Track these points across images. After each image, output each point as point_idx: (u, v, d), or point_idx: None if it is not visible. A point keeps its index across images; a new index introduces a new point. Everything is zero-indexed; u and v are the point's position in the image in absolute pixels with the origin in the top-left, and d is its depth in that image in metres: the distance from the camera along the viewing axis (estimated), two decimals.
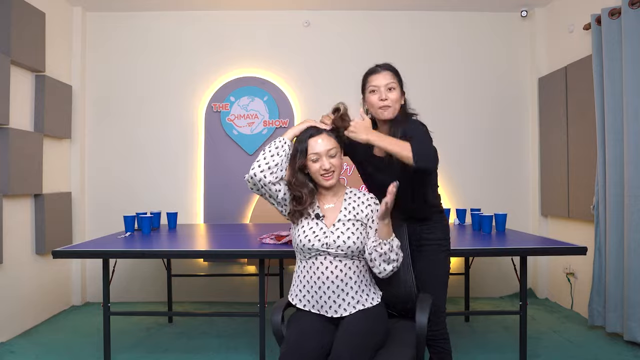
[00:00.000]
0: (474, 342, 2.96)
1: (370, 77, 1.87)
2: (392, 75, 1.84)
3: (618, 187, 2.92)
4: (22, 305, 3.19)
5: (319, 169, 1.70)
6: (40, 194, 3.37)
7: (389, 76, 1.84)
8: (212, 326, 3.32)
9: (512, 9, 4.05)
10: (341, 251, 1.66)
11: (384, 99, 1.82)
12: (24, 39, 3.14)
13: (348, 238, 1.67)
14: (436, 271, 1.90)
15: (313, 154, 1.70)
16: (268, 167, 1.68)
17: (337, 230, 1.69)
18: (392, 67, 1.88)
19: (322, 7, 4.04)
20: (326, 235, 1.68)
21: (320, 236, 1.68)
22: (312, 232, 1.70)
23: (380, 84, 1.83)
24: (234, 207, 3.99)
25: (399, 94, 1.86)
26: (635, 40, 2.77)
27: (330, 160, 1.70)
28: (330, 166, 1.70)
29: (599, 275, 3.09)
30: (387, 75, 1.84)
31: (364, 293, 1.70)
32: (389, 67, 1.88)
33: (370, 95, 1.86)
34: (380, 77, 1.84)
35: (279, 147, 1.71)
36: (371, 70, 1.89)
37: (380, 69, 1.86)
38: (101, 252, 2.38)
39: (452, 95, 4.09)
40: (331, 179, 1.71)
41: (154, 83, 4.05)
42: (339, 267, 1.67)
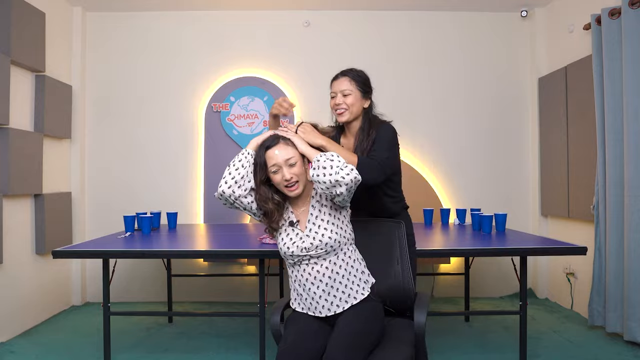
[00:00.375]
0: (474, 342, 2.96)
1: (331, 83, 2.03)
2: (349, 81, 1.96)
3: (618, 187, 2.92)
4: (22, 305, 3.19)
5: (282, 180, 1.68)
6: (40, 194, 3.37)
7: (346, 82, 1.96)
8: (212, 326, 3.32)
9: (512, 9, 4.05)
10: (321, 250, 1.68)
11: (338, 103, 1.98)
12: (24, 39, 3.14)
13: (322, 235, 1.68)
14: None
15: (272, 166, 1.68)
16: (235, 182, 1.68)
17: (311, 232, 1.70)
18: (352, 72, 1.98)
19: (322, 7, 4.04)
20: (302, 240, 1.70)
21: (297, 242, 1.70)
22: (290, 240, 1.72)
23: (337, 89, 1.98)
24: None
25: (355, 99, 1.96)
26: (635, 40, 2.77)
27: (290, 170, 1.68)
28: (291, 176, 1.67)
29: (599, 275, 3.09)
30: (344, 82, 1.97)
31: (354, 285, 1.71)
32: (347, 72, 1.99)
33: (331, 99, 2.02)
34: (337, 83, 1.99)
35: (242, 159, 1.71)
36: (333, 77, 2.03)
37: (340, 76, 2.00)
38: (101, 252, 2.38)
39: (452, 95, 4.09)
40: (296, 189, 1.69)
41: (154, 83, 4.05)
42: (324, 266, 1.69)
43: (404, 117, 3.67)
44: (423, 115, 4.06)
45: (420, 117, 4.07)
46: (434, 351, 2.75)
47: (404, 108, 4.00)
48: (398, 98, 3.99)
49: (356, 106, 1.97)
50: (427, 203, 3.77)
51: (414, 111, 4.06)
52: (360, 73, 2.00)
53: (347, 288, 1.69)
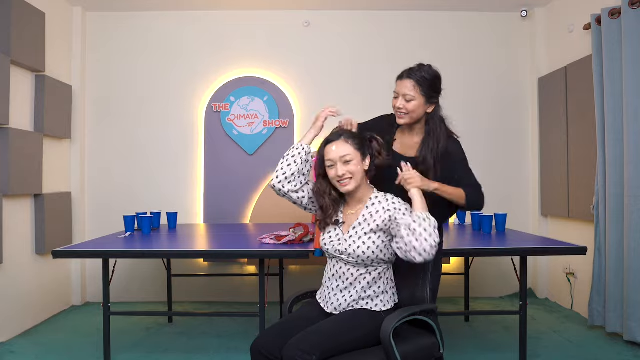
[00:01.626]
0: (474, 342, 2.96)
1: (396, 81, 1.89)
2: (413, 86, 1.83)
3: (618, 187, 2.92)
4: (22, 305, 3.19)
5: (335, 176, 1.69)
6: (40, 194, 3.37)
7: (410, 86, 1.83)
8: (212, 326, 3.32)
9: (512, 9, 4.05)
10: (352, 259, 1.69)
11: (399, 107, 1.86)
12: (24, 39, 3.14)
13: (358, 247, 1.67)
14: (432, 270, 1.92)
15: (328, 161, 1.70)
16: (285, 177, 1.72)
17: (349, 239, 1.70)
18: (418, 74, 1.84)
19: (322, 7, 4.04)
20: (340, 242, 1.72)
21: (335, 242, 1.73)
22: (329, 237, 1.76)
23: (400, 92, 1.86)
24: (234, 207, 3.99)
25: (417, 105, 1.84)
26: (635, 40, 2.77)
27: (344, 166, 1.66)
28: (343, 173, 1.66)
29: (599, 275, 3.09)
30: (408, 85, 1.84)
31: (368, 299, 1.71)
32: (413, 74, 1.84)
33: (393, 98, 1.89)
34: (401, 85, 1.86)
35: (295, 154, 1.74)
36: (399, 75, 1.89)
37: (405, 77, 1.86)
38: (101, 252, 2.38)
39: (452, 95, 4.02)
40: (347, 185, 1.68)
41: (154, 83, 4.05)
42: (351, 272, 1.71)
43: None
44: None
45: None
46: None
47: None
48: None
49: (417, 112, 1.85)
50: None
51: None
52: (429, 74, 1.85)
53: (360, 299, 1.70)
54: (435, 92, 1.89)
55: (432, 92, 1.87)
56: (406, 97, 1.83)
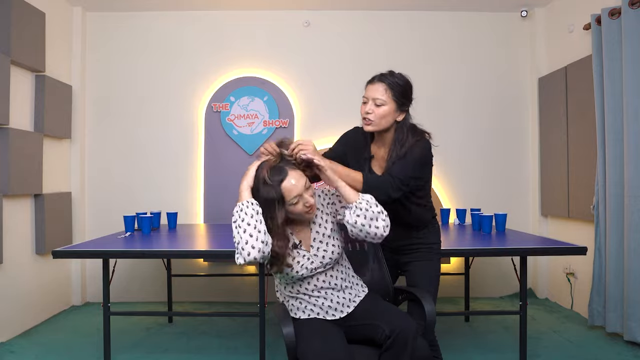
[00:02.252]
0: (473, 342, 2.96)
1: (366, 86, 1.83)
2: (384, 90, 1.75)
3: (618, 187, 2.92)
4: (22, 305, 3.19)
5: (303, 208, 1.56)
6: (40, 194, 3.37)
7: (381, 90, 1.76)
8: (212, 326, 3.32)
9: (512, 9, 4.05)
10: (329, 266, 1.71)
11: (367, 112, 1.77)
12: (24, 39, 3.14)
13: (329, 252, 1.68)
14: (428, 270, 1.95)
15: (293, 198, 1.54)
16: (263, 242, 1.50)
17: (318, 251, 1.66)
18: (390, 79, 1.78)
19: (322, 7, 4.04)
20: (311, 260, 1.65)
21: (306, 264, 1.64)
22: (297, 264, 1.63)
23: (369, 96, 1.78)
24: (233, 207, 3.97)
25: (388, 111, 1.76)
26: (635, 40, 2.77)
27: (309, 192, 1.57)
28: (313, 201, 1.58)
29: (599, 275, 3.09)
30: (379, 89, 1.76)
31: (355, 285, 1.78)
32: (385, 78, 1.78)
33: (362, 104, 1.82)
34: (372, 88, 1.78)
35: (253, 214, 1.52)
36: (369, 79, 1.83)
37: (376, 80, 1.79)
38: (101, 252, 2.37)
39: (452, 95, 4.09)
40: (313, 211, 1.61)
41: (154, 83, 4.05)
42: (329, 274, 1.71)
43: None
44: (423, 115, 3.99)
45: (420, 117, 4.01)
46: None
47: None
48: None
49: (387, 119, 1.77)
50: None
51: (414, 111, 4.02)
52: (401, 80, 1.78)
53: (351, 289, 1.75)
54: (406, 100, 1.81)
55: (404, 99, 1.79)
56: (377, 102, 1.75)
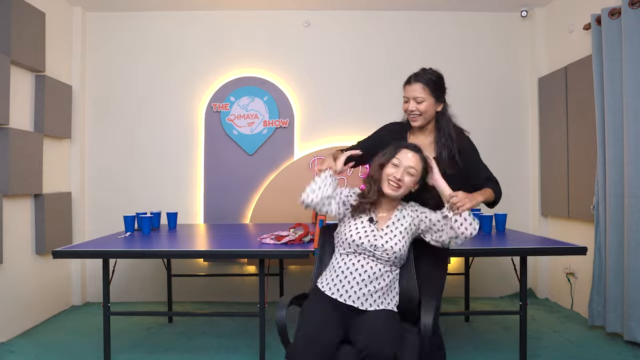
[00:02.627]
0: (474, 342, 2.96)
1: (404, 87, 2.02)
2: (422, 88, 1.94)
3: (618, 187, 2.92)
4: (22, 305, 3.19)
5: (391, 175, 1.80)
6: (40, 194, 3.37)
7: (419, 89, 1.95)
8: (212, 326, 3.32)
9: (512, 9, 4.05)
10: (386, 255, 1.77)
11: (412, 110, 1.97)
12: (24, 39, 3.14)
13: (395, 244, 1.79)
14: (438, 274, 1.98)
15: (396, 159, 1.81)
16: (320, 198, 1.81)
17: (385, 235, 1.81)
18: (425, 77, 1.97)
19: (322, 7, 4.04)
20: (376, 237, 1.80)
21: (370, 237, 1.80)
22: (363, 231, 1.81)
23: (410, 95, 1.97)
24: (234, 207, 3.99)
25: (428, 105, 1.96)
26: (635, 40, 2.77)
27: (405, 175, 1.80)
28: (401, 178, 1.79)
29: (599, 275, 3.09)
30: (417, 88, 1.95)
31: (388, 297, 1.80)
32: (420, 77, 1.97)
33: (404, 103, 2.01)
34: (410, 89, 1.98)
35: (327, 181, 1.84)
36: (406, 80, 2.02)
37: (413, 81, 1.98)
38: (101, 252, 2.38)
39: (452, 95, 4.02)
40: (396, 190, 1.80)
41: (154, 83, 4.05)
42: (375, 269, 1.77)
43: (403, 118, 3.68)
44: None
45: None
46: None
47: None
48: (398, 98, 3.98)
49: (429, 112, 1.97)
50: None
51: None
52: (434, 76, 1.98)
53: (383, 295, 1.78)
54: (441, 91, 2.00)
55: (439, 92, 1.98)
56: (417, 100, 1.94)
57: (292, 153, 4.02)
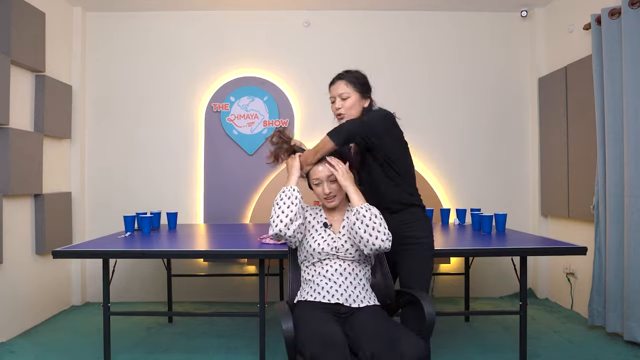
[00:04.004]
0: (474, 342, 2.96)
1: (329, 88, 2.02)
2: (345, 84, 1.96)
3: (618, 187, 2.92)
4: (22, 305, 3.19)
5: (322, 193, 1.85)
6: (40, 194, 3.37)
7: (342, 86, 1.96)
8: (212, 326, 3.32)
9: (512, 9, 4.05)
10: (350, 255, 1.80)
11: (337, 107, 1.97)
12: (24, 39, 3.14)
13: (348, 239, 1.82)
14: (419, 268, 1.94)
15: (315, 179, 1.86)
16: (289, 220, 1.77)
17: (343, 236, 1.83)
18: (348, 75, 1.98)
19: (322, 7, 4.04)
20: (334, 240, 1.83)
21: (329, 242, 1.82)
22: (322, 239, 1.83)
23: (335, 94, 1.98)
24: (234, 207, 3.99)
25: (354, 101, 1.96)
26: (635, 40, 2.77)
27: (330, 185, 1.84)
28: (330, 191, 1.84)
29: (599, 275, 3.09)
30: (340, 85, 1.97)
31: (367, 293, 1.82)
32: (343, 76, 1.98)
33: (331, 104, 2.02)
34: (334, 87, 1.99)
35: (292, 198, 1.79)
36: (330, 82, 2.02)
37: (336, 80, 1.99)
38: (101, 252, 2.38)
39: (452, 95, 4.09)
40: (333, 201, 1.85)
41: (154, 83, 4.05)
42: (348, 269, 1.80)
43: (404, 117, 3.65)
44: (423, 115, 4.06)
45: (420, 117, 4.07)
46: (434, 351, 2.74)
47: (403, 108, 3.96)
48: (398, 98, 3.99)
49: (356, 108, 1.97)
50: (427, 203, 3.71)
51: (414, 111, 4.06)
52: (356, 74, 2.00)
53: (363, 291, 1.80)
54: (366, 87, 2.00)
55: (364, 87, 1.98)
56: (342, 96, 1.95)
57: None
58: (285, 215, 1.76)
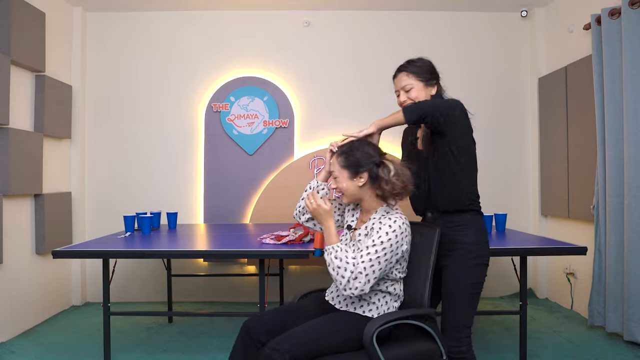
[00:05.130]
0: (474, 342, 2.92)
1: (393, 81, 1.98)
2: (407, 76, 1.91)
3: (618, 187, 2.92)
4: (22, 305, 3.19)
5: None
6: (40, 194, 3.37)
7: (404, 78, 1.91)
8: (212, 326, 3.32)
9: (512, 9, 4.05)
10: None
11: (402, 101, 1.92)
12: (24, 39, 3.14)
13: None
14: (461, 279, 1.75)
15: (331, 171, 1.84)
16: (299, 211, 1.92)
17: (353, 245, 1.75)
18: (408, 66, 1.93)
19: (322, 7, 4.04)
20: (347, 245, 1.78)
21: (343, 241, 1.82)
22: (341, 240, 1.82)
23: (398, 87, 1.94)
24: (234, 207, 3.99)
25: (418, 91, 1.90)
26: (635, 40, 2.77)
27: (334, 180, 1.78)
28: (335, 186, 1.79)
29: (599, 275, 3.09)
30: (402, 78, 1.92)
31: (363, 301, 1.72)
32: (404, 67, 1.93)
33: (397, 99, 1.97)
34: (397, 81, 1.95)
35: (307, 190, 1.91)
36: (393, 75, 1.98)
37: (397, 72, 1.95)
38: (101, 252, 2.37)
39: (452, 95, 4.05)
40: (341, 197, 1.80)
41: (154, 83, 4.05)
42: None
43: None
44: None
45: None
46: None
47: None
48: None
49: (421, 97, 1.89)
50: None
51: None
52: (418, 62, 1.93)
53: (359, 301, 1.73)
54: (431, 75, 1.93)
55: (428, 75, 1.92)
56: (405, 88, 1.90)
57: (292, 153, 4.02)
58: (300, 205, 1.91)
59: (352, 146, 1.74)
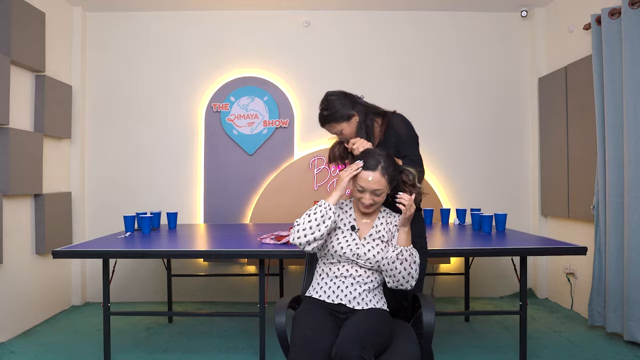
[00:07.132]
0: (474, 342, 2.96)
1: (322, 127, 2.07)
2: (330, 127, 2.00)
3: (618, 187, 2.92)
4: (22, 305, 3.19)
5: (360, 199, 1.78)
6: (40, 194, 3.37)
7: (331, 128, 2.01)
8: (212, 326, 3.32)
9: (512, 9, 4.05)
10: (369, 263, 1.77)
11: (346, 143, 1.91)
12: (24, 39, 3.14)
13: (378, 253, 1.78)
14: None
15: (360, 186, 1.75)
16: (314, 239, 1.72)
17: (367, 244, 1.79)
18: (326, 117, 2.02)
19: (322, 7, 4.04)
20: (358, 247, 1.79)
21: (352, 246, 1.79)
22: (345, 241, 1.80)
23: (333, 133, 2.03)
24: (234, 207, 3.99)
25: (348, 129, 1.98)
26: (635, 40, 2.77)
27: (374, 197, 1.76)
28: (371, 202, 1.76)
29: (599, 275, 3.09)
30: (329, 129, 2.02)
31: (375, 298, 1.79)
32: (324, 121, 2.03)
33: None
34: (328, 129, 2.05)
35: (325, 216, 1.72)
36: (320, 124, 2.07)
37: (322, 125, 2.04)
38: (101, 252, 2.38)
39: (452, 95, 4.09)
40: (369, 210, 1.80)
41: (154, 83, 4.05)
42: (363, 275, 1.78)
43: None
44: (423, 115, 4.06)
45: (420, 117, 4.03)
46: (434, 351, 2.74)
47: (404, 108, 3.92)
48: (398, 98, 3.99)
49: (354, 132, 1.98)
50: (427, 203, 3.77)
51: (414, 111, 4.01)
52: (329, 108, 2.02)
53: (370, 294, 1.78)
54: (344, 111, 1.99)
55: (342, 113, 1.98)
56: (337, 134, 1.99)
57: (292, 153, 4.02)
58: (311, 232, 1.71)
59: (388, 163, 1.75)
